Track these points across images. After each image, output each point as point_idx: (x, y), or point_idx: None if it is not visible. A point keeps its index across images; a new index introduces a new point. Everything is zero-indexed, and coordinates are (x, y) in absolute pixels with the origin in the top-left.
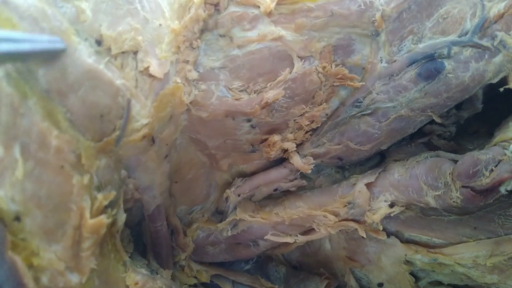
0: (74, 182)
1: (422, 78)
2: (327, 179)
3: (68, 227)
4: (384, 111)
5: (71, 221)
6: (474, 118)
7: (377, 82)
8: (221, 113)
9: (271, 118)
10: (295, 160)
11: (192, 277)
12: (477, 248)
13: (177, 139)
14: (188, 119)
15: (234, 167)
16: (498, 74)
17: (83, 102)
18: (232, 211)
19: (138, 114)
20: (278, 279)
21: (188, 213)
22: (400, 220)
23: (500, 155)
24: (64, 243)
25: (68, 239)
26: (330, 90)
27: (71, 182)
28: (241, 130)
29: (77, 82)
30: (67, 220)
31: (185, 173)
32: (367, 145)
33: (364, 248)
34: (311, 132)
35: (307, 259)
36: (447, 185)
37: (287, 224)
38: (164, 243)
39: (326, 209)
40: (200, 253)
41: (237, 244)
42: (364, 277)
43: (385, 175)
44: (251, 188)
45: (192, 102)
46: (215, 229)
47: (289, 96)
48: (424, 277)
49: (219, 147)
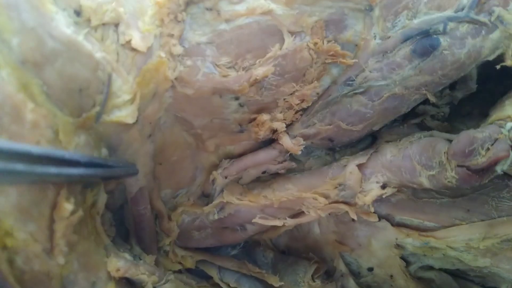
0: None
1: (416, 55)
2: (317, 161)
3: (44, 206)
4: (377, 89)
5: (47, 200)
6: (467, 99)
7: (370, 59)
8: (207, 90)
9: (260, 97)
10: (285, 141)
11: (177, 262)
12: (470, 231)
13: (162, 118)
14: (173, 97)
15: (221, 148)
16: (495, 51)
17: (60, 74)
18: (219, 194)
19: (120, 89)
20: (266, 264)
21: (173, 197)
22: (391, 203)
23: (497, 133)
24: (40, 223)
25: (44, 219)
26: (322, 67)
27: None
28: (229, 108)
29: (54, 53)
30: (43, 199)
31: (169, 155)
32: (359, 125)
33: (354, 232)
34: (301, 112)
35: (295, 243)
36: (442, 165)
37: (275, 207)
38: (147, 227)
39: (316, 191)
40: (185, 238)
41: (223, 228)
42: (354, 262)
43: (377, 156)
44: (238, 170)
45: (177, 78)
46: (201, 213)
47: (279, 74)
48: (415, 262)
49: (205, 127)
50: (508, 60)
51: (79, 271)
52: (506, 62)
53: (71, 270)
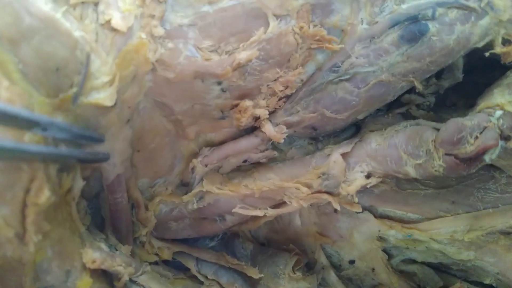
0: (26, 140)
1: (404, 41)
2: (299, 151)
3: (18, 189)
4: (363, 76)
5: (21, 182)
6: (452, 90)
7: (356, 45)
8: (189, 74)
9: (243, 82)
10: (267, 129)
11: (153, 254)
12: (454, 223)
13: (141, 103)
14: (153, 80)
15: (202, 136)
16: (484, 38)
17: (37, 52)
18: (198, 183)
19: (98, 71)
20: (245, 256)
21: (151, 186)
22: (374, 195)
23: (485, 121)
24: (13, 206)
25: (17, 203)
26: (307, 53)
27: (22, 139)
28: (211, 93)
29: (31, 30)
30: (17, 181)
31: (148, 142)
32: (344, 114)
33: (336, 223)
34: (285, 99)
35: (275, 235)
36: (429, 153)
37: (256, 197)
38: (123, 217)
39: (298, 181)
40: (162, 229)
41: (202, 219)
42: (335, 254)
43: (361, 145)
44: (219, 158)
45: (158, 61)
46: (179, 202)
47: (263, 59)
48: (397, 255)
49: (186, 113)
50: (497, 47)
51: (53, 259)
52: (495, 49)
53: (45, 257)
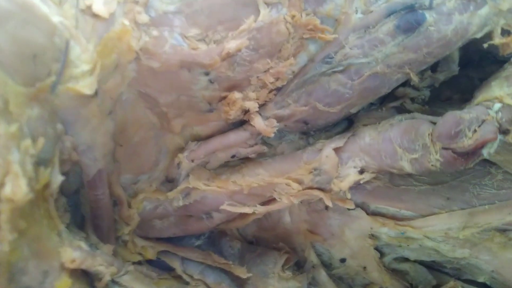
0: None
1: (400, 31)
2: (289, 145)
3: None
4: (357, 67)
5: None
6: (447, 84)
7: (351, 35)
8: (175, 63)
9: (232, 73)
10: (257, 122)
11: (136, 253)
12: (449, 220)
13: (124, 94)
14: (137, 70)
15: (188, 129)
16: (483, 29)
17: (12, 38)
18: (184, 179)
19: (78, 58)
20: (232, 255)
21: (134, 183)
22: (366, 191)
23: (484, 114)
24: None
25: None
26: (299, 43)
27: None
28: (198, 84)
29: (6, 14)
30: None
31: (131, 135)
32: (337, 107)
33: (326, 220)
34: (275, 91)
35: (264, 233)
36: (426, 148)
37: (245, 193)
38: (105, 214)
39: (289, 177)
40: (146, 227)
41: (188, 216)
42: (326, 252)
43: (354, 139)
44: (206, 153)
45: (142, 49)
46: (164, 199)
47: (253, 48)
48: (390, 253)
49: (171, 104)
50: (496, 38)
51: (30, 259)
52: (493, 41)
53: (21, 256)
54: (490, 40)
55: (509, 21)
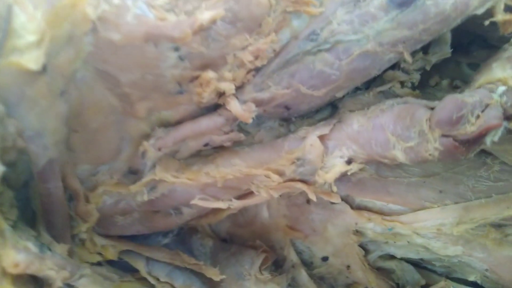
0: None
1: (394, 5)
2: (269, 133)
3: None
4: (346, 46)
5: None
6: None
7: (339, 9)
8: (139, 36)
9: (205, 49)
10: (233, 106)
11: (96, 253)
12: (442, 214)
13: (79, 72)
14: (94, 43)
15: (154, 114)
16: (484, 4)
17: None
18: (150, 170)
19: (23, 28)
20: (203, 254)
21: (92, 174)
22: (351, 183)
23: (488, 98)
24: None
25: None
26: (281, 17)
27: None
28: (166, 62)
29: None
30: None
31: (88, 120)
32: (322, 90)
33: (308, 215)
34: (254, 72)
35: (239, 230)
36: (423, 135)
37: (219, 186)
38: (59, 210)
39: (268, 167)
40: (106, 224)
41: (154, 212)
42: (307, 250)
43: (341, 126)
44: (175, 141)
45: (100, 18)
46: (127, 193)
47: (229, 21)
48: (375, 250)
49: (135, 84)
50: (498, 15)
51: None
52: (496, 17)
53: None
54: (492, 17)
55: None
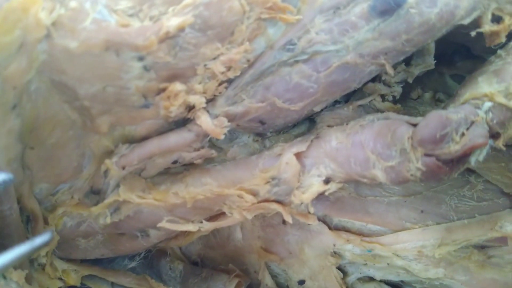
0: None
1: (376, 13)
2: (242, 149)
3: None
4: (324, 57)
5: None
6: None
7: (317, 16)
8: (98, 43)
9: (172, 59)
10: (204, 121)
11: (56, 278)
12: (423, 236)
13: (33, 83)
14: (48, 52)
15: (118, 129)
16: (471, 13)
17: None
18: (114, 190)
19: None
20: (173, 279)
21: (51, 194)
22: (329, 202)
23: (473, 115)
24: None
25: None
26: (256, 25)
27: None
28: (129, 72)
29: None
30: None
31: (45, 136)
32: (299, 103)
33: (284, 237)
34: (227, 84)
35: (211, 252)
36: (404, 154)
37: (189, 207)
38: (14, 233)
39: (242, 187)
40: (67, 248)
41: (119, 235)
42: (282, 273)
43: (319, 143)
44: (141, 158)
45: (55, 24)
46: (89, 214)
47: (199, 29)
48: (353, 272)
49: (95, 97)
50: (485, 25)
51: None
52: (482, 28)
53: None
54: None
55: (501, 5)
